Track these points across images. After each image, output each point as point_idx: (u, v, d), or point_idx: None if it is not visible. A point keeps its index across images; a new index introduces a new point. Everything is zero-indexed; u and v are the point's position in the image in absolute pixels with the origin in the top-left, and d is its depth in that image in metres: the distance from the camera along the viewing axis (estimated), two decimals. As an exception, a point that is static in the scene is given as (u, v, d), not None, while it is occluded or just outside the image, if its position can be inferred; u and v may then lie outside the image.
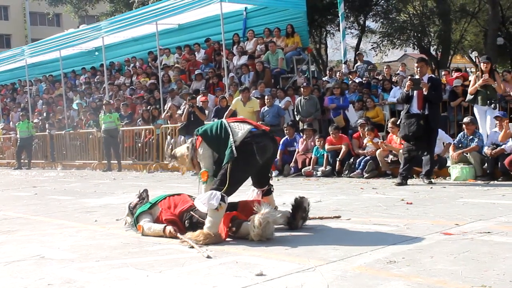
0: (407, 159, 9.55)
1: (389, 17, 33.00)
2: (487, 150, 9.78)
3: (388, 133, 11.76)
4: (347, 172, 11.54)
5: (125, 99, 19.12)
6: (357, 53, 21.08)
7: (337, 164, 11.78)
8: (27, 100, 24.70)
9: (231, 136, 5.21)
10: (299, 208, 5.48)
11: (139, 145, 17.06)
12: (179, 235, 5.17)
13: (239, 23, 18.75)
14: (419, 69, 9.54)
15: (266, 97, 14.23)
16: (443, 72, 17.06)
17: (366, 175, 11.08)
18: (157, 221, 5.61)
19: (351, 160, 11.67)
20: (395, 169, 10.58)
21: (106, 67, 21.00)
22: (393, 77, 15.49)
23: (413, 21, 34.18)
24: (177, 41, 20.55)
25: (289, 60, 16.73)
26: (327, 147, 12.05)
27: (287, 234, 5.35)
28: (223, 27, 15.84)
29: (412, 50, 40.09)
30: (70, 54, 23.77)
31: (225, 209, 5.06)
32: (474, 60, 40.72)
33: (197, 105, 14.84)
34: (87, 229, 6.27)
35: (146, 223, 5.56)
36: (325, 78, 17.04)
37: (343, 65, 18.14)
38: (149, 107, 17.61)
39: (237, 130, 5.27)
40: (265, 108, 14.02)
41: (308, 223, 5.67)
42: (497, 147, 9.72)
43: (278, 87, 15.60)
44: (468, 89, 11.35)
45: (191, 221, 5.39)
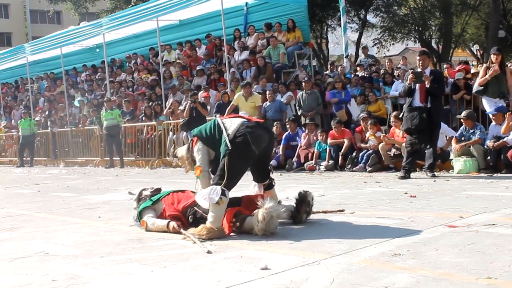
0: (410, 152, 9.53)
1: (390, 11, 32.94)
2: (489, 143, 9.76)
3: (390, 126, 11.75)
4: (350, 166, 11.53)
5: (127, 96, 19.11)
6: (362, 47, 21.07)
7: (340, 158, 11.77)
8: (28, 97, 24.73)
9: (224, 131, 5.24)
10: (303, 202, 5.47)
11: (142, 141, 17.06)
12: (182, 231, 5.16)
13: (240, 19, 18.70)
14: (421, 62, 9.49)
15: (267, 92, 14.23)
16: (445, 65, 17.00)
17: (369, 169, 11.06)
18: (161, 217, 5.60)
19: (354, 154, 11.65)
20: (398, 163, 10.58)
21: (107, 64, 20.99)
22: (395, 71, 15.46)
23: (414, 14, 34.12)
24: (178, 37, 20.53)
25: (291, 54, 16.69)
26: (329, 141, 12.04)
27: (291, 228, 5.34)
28: (224, 23, 15.82)
29: (413, 44, 40.02)
30: (71, 51, 23.81)
31: (227, 203, 5.05)
32: (475, 53, 40.64)
33: (199, 100, 14.83)
34: (90, 225, 6.27)
35: (149, 219, 5.56)
36: (327, 72, 17.01)
37: (344, 59, 18.11)
38: (151, 103, 17.60)
39: (230, 124, 5.33)
40: (267, 103, 14.02)
41: (311, 217, 5.65)
42: (499, 139, 9.70)
43: (279, 82, 15.58)
44: (471, 82, 11.29)
45: (195, 217, 5.39)
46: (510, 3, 33.08)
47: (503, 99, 10.49)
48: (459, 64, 15.60)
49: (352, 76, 15.51)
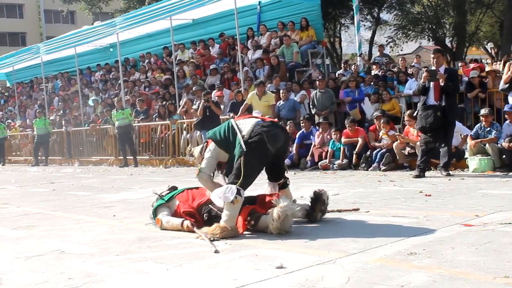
0: (424, 151, 9.49)
1: (404, 9, 32.79)
2: (504, 143, 9.68)
3: (404, 125, 11.70)
4: (364, 165, 11.49)
5: (141, 95, 19.18)
6: (379, 46, 21.02)
7: (354, 157, 11.74)
8: (43, 97, 24.89)
9: (238, 133, 5.24)
10: (318, 201, 5.47)
11: (155, 140, 17.12)
12: (196, 230, 5.17)
13: (253, 17, 18.72)
14: (435, 60, 9.44)
15: (281, 91, 14.23)
16: (459, 63, 16.92)
17: (383, 167, 11.02)
18: (175, 214, 5.62)
19: (368, 153, 11.62)
20: (413, 162, 10.52)
21: (121, 63, 21.08)
22: (409, 69, 15.39)
23: (427, 12, 33.94)
24: (192, 36, 20.58)
25: (304, 53, 16.67)
26: (343, 140, 12.01)
27: (306, 226, 5.34)
28: (237, 22, 15.84)
29: (427, 42, 39.79)
30: (85, 51, 23.95)
31: (241, 202, 5.05)
32: (489, 51, 40.35)
33: (213, 100, 14.84)
34: (105, 223, 6.29)
35: (164, 217, 5.57)
36: (340, 71, 16.98)
37: (358, 58, 18.06)
38: (164, 102, 17.65)
39: (244, 126, 5.32)
40: (281, 102, 14.02)
41: (326, 216, 5.64)
42: (513, 138, 9.63)
43: (293, 80, 15.58)
44: (486, 80, 11.18)
45: (209, 214, 5.40)
46: (525, 0, 32.78)
47: None
48: (470, 62, 15.52)
49: (365, 75, 15.45)
